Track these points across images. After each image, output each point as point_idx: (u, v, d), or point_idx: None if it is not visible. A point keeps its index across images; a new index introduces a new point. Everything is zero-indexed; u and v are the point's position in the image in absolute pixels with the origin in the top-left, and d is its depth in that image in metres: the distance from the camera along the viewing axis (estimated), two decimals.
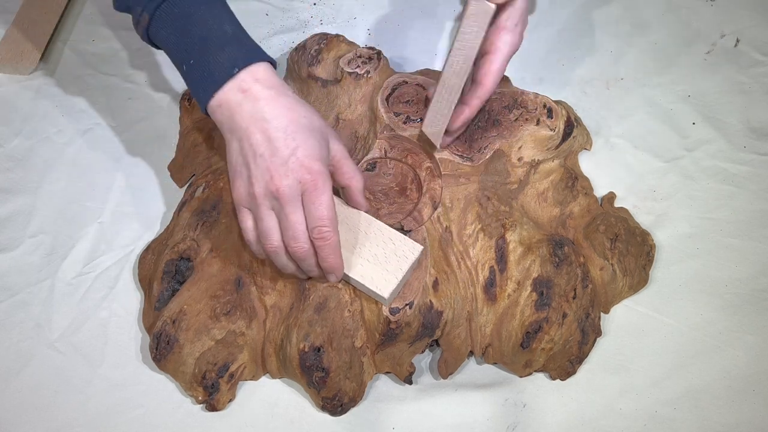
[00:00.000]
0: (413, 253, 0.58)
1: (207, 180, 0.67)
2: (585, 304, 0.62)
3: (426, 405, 0.63)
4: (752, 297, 0.67)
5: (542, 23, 0.86)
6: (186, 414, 0.62)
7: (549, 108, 0.67)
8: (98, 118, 0.80)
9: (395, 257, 0.58)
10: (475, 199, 0.64)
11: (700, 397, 0.62)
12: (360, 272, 0.58)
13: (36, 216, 0.73)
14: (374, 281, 0.57)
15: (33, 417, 0.62)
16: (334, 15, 0.89)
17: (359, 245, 0.59)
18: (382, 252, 0.58)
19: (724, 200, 0.73)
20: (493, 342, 0.62)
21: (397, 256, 0.58)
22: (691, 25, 0.85)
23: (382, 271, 0.58)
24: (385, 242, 0.59)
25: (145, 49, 0.85)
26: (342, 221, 0.59)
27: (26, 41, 0.82)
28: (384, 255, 0.58)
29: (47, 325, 0.66)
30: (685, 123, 0.78)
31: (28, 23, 0.84)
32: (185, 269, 0.64)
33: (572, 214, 0.69)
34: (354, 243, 0.59)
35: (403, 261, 0.58)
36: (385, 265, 0.58)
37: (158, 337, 0.61)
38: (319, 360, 0.59)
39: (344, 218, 0.59)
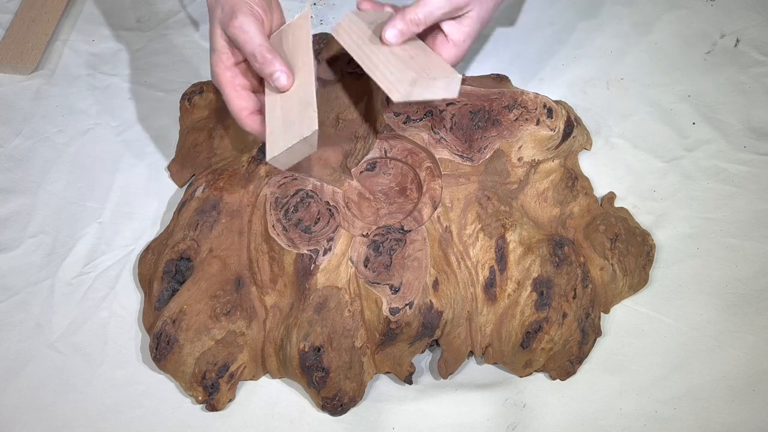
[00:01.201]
0: (308, 129, 0.53)
1: (207, 180, 0.67)
2: (585, 304, 0.62)
3: (426, 405, 0.63)
4: (752, 297, 0.67)
5: (542, 23, 0.86)
6: (186, 414, 0.62)
7: (549, 108, 0.67)
8: (98, 118, 0.80)
9: (298, 124, 0.53)
10: (475, 199, 0.64)
11: (700, 397, 0.62)
12: (271, 118, 0.55)
13: (36, 216, 0.73)
14: (272, 135, 0.54)
15: (33, 417, 0.62)
16: (334, 15, 0.89)
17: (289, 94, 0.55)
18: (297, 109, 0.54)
19: (724, 200, 0.73)
20: (493, 342, 0.62)
21: (300, 123, 0.53)
22: (691, 25, 0.85)
23: (283, 129, 0.54)
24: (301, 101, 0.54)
25: (145, 49, 0.85)
26: None
27: (26, 41, 0.82)
28: (294, 114, 0.54)
29: (47, 325, 0.66)
30: (685, 123, 0.78)
31: (28, 23, 0.84)
32: (185, 269, 0.64)
33: (572, 214, 0.69)
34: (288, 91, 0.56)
35: (298, 131, 0.53)
36: (287, 125, 0.54)
37: (158, 337, 0.61)
38: (319, 360, 0.59)
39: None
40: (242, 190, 0.66)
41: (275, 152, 0.54)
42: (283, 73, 0.54)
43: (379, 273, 0.60)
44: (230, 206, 0.66)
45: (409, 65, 0.56)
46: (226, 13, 0.55)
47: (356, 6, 0.64)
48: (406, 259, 0.60)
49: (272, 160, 0.54)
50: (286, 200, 0.62)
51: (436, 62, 0.58)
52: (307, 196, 0.63)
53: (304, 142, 0.53)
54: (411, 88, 0.55)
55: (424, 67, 0.56)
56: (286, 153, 0.54)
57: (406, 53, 0.58)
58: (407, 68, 0.55)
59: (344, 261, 0.61)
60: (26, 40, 0.83)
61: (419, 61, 0.57)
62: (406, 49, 0.59)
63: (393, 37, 0.57)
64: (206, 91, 0.77)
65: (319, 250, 0.60)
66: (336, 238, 0.61)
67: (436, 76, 0.56)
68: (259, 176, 0.66)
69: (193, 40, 0.86)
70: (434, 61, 0.58)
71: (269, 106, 0.56)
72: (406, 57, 0.57)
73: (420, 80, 0.55)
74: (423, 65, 0.57)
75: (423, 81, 0.55)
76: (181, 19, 0.88)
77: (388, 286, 0.59)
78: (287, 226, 0.61)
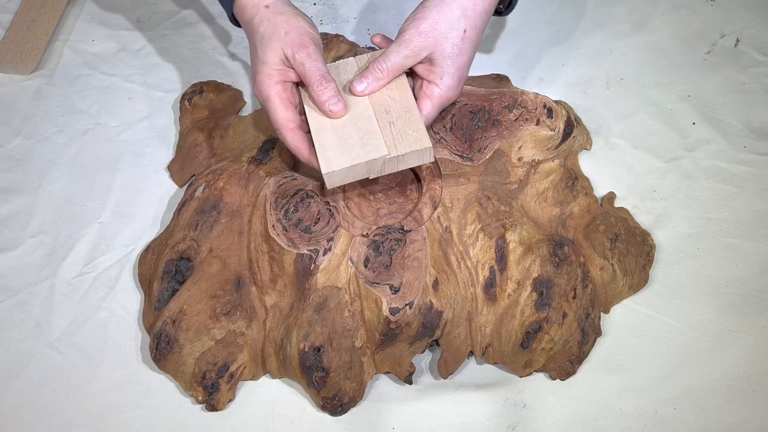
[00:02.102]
0: (376, 152, 0.57)
1: (207, 180, 0.67)
2: (585, 304, 0.62)
3: (426, 405, 0.63)
4: (752, 297, 0.67)
5: (542, 23, 0.86)
6: (186, 414, 0.62)
7: (549, 108, 0.67)
8: (98, 118, 0.80)
9: (362, 147, 0.58)
10: (475, 199, 0.64)
11: (700, 397, 0.62)
12: (322, 139, 0.58)
13: (36, 216, 0.73)
14: (326, 152, 0.57)
15: (33, 417, 0.62)
16: (334, 15, 0.89)
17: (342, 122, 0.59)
18: (356, 135, 0.58)
19: (724, 200, 0.73)
20: (493, 342, 0.62)
21: (364, 147, 0.58)
22: (691, 25, 0.85)
23: (339, 149, 0.58)
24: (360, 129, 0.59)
25: (145, 49, 0.85)
26: None
27: (26, 41, 0.83)
28: (355, 139, 0.58)
29: (47, 325, 0.66)
30: (685, 123, 0.78)
31: (28, 23, 0.84)
32: (185, 269, 0.64)
33: (572, 214, 0.69)
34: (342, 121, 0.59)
35: (362, 153, 0.57)
36: (347, 147, 0.58)
37: (158, 337, 0.61)
38: (319, 360, 0.59)
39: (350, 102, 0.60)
40: (242, 190, 0.66)
41: (334, 167, 0.57)
42: (339, 101, 0.59)
43: (379, 273, 0.60)
44: (230, 206, 0.66)
45: (384, 132, 0.58)
46: (293, 38, 0.59)
47: (370, 40, 0.66)
48: (406, 259, 0.60)
49: (329, 174, 0.57)
50: (286, 200, 0.62)
51: (414, 125, 0.59)
52: (307, 196, 0.63)
53: (367, 164, 0.58)
54: (383, 166, 0.58)
55: (397, 135, 0.58)
56: (345, 171, 0.57)
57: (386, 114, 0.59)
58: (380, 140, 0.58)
59: (344, 261, 0.61)
60: (26, 40, 0.83)
61: (396, 126, 0.59)
62: (388, 105, 0.60)
63: (360, 91, 0.61)
64: (206, 91, 0.77)
65: (319, 250, 0.60)
66: (336, 238, 0.61)
67: (406, 151, 0.57)
68: (259, 176, 0.66)
69: (193, 40, 0.86)
70: (412, 124, 0.59)
71: (317, 128, 0.59)
72: (384, 121, 0.59)
73: (389, 159, 0.58)
74: (398, 132, 0.58)
75: (391, 160, 0.58)
76: (181, 19, 0.88)
77: (388, 286, 0.59)
78: (287, 226, 0.61)
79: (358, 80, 0.60)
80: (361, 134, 0.58)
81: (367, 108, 0.60)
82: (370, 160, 0.57)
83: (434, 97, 0.61)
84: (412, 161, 0.59)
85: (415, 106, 0.60)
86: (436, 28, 0.59)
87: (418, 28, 0.60)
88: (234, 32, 0.86)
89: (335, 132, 0.59)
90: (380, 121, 0.59)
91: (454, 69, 0.60)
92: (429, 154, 0.59)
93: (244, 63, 0.84)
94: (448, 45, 0.59)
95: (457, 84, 0.61)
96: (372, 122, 0.59)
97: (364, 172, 0.58)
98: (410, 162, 0.59)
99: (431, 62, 0.60)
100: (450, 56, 0.60)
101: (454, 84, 0.61)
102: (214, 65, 0.84)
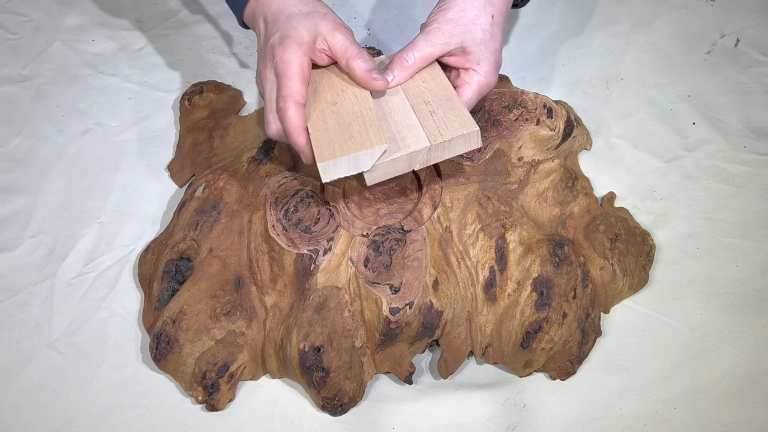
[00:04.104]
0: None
1: (207, 180, 0.67)
2: (585, 304, 0.62)
3: (426, 405, 0.63)
4: (752, 297, 0.67)
5: (542, 23, 0.86)
6: (186, 414, 0.62)
7: (549, 108, 0.67)
8: (98, 118, 0.80)
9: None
10: (475, 199, 0.64)
11: (700, 397, 0.62)
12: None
13: (36, 216, 0.73)
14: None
15: (33, 417, 0.62)
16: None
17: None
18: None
19: (724, 200, 0.73)
20: (493, 342, 0.62)
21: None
22: (691, 25, 0.85)
23: None
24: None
25: (145, 49, 0.85)
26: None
27: None
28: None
29: (47, 325, 0.66)
30: (685, 123, 0.78)
31: None
32: (185, 269, 0.64)
33: (572, 214, 0.69)
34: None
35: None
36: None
37: (158, 337, 0.61)
38: (319, 360, 0.59)
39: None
40: (242, 190, 0.66)
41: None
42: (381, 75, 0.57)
43: (379, 273, 0.60)
44: (230, 206, 0.66)
45: (425, 123, 0.57)
46: (333, 18, 0.57)
47: None
48: (406, 259, 0.60)
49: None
50: (286, 200, 0.62)
51: (457, 112, 0.57)
52: (307, 196, 0.63)
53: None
54: (428, 156, 0.56)
55: (440, 123, 0.57)
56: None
57: (425, 105, 0.58)
58: (420, 132, 0.56)
59: (344, 261, 0.61)
60: None
61: (438, 114, 0.57)
62: (425, 97, 0.58)
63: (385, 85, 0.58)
64: (206, 91, 0.77)
65: (319, 250, 0.60)
66: (336, 238, 0.61)
67: (451, 136, 0.56)
68: (259, 176, 0.66)
69: (193, 40, 0.86)
70: (454, 111, 0.57)
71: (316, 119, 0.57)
72: (424, 111, 0.57)
73: (434, 147, 0.56)
74: (440, 120, 0.57)
75: (437, 147, 0.56)
76: (181, 19, 0.88)
77: (388, 286, 0.59)
78: (287, 226, 0.61)
79: (383, 74, 0.58)
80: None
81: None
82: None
83: (474, 84, 0.59)
84: (459, 147, 0.57)
85: (455, 94, 0.58)
86: (463, 15, 0.58)
87: (445, 16, 0.58)
88: (234, 32, 0.86)
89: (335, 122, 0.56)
90: (419, 112, 0.57)
91: (489, 54, 0.59)
92: (477, 139, 0.57)
93: (244, 63, 0.84)
94: (478, 31, 0.58)
95: (495, 70, 0.60)
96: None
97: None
98: (457, 148, 0.57)
99: (464, 51, 0.59)
100: (483, 42, 0.59)
101: (492, 69, 0.60)
102: (214, 65, 0.84)
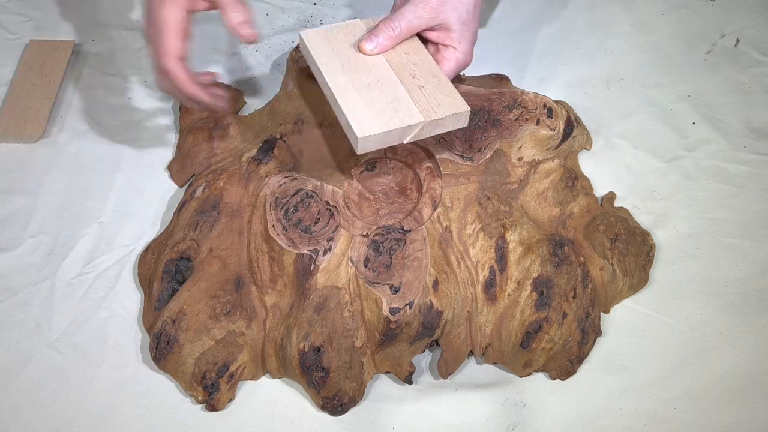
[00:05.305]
0: (411, 118, 0.56)
1: (207, 180, 0.67)
2: (585, 304, 0.62)
3: (426, 405, 0.63)
4: (752, 297, 0.67)
5: (542, 23, 0.86)
6: (186, 414, 0.62)
7: (549, 108, 0.67)
8: (98, 118, 0.80)
9: (393, 111, 0.56)
10: (475, 199, 0.64)
11: (700, 397, 0.62)
12: (348, 101, 0.56)
13: (36, 216, 0.73)
14: (357, 117, 0.55)
15: (33, 417, 0.62)
16: (334, 15, 0.89)
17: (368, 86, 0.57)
18: (384, 100, 0.56)
19: (724, 200, 0.73)
20: (493, 342, 0.62)
21: (396, 111, 0.56)
22: (691, 25, 0.85)
23: (371, 112, 0.56)
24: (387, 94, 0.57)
25: (145, 49, 0.85)
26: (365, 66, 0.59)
27: (28, 108, 0.78)
28: (384, 103, 0.56)
29: (47, 325, 0.66)
30: (685, 123, 0.78)
31: (29, 88, 0.80)
32: (185, 269, 0.64)
33: (572, 214, 0.69)
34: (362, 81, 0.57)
35: (396, 119, 0.55)
36: (378, 111, 0.56)
37: (158, 337, 0.61)
38: (319, 360, 0.59)
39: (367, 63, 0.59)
40: (242, 190, 0.66)
41: (369, 132, 0.54)
42: (253, 27, 0.56)
43: (379, 273, 0.60)
44: (230, 206, 0.66)
45: (415, 96, 0.57)
46: None
47: None
48: (406, 259, 0.60)
49: (364, 138, 0.55)
50: (286, 200, 0.62)
51: (446, 89, 0.58)
52: (307, 196, 0.63)
53: (402, 130, 0.56)
54: (420, 131, 0.57)
55: (431, 98, 0.57)
56: (380, 136, 0.55)
57: (413, 78, 0.58)
58: (412, 106, 0.56)
59: (344, 261, 0.61)
60: (28, 107, 0.78)
61: (427, 89, 0.58)
62: (411, 70, 0.59)
63: (370, 50, 0.59)
64: None
65: (319, 250, 0.60)
66: (336, 238, 0.61)
67: (446, 114, 0.56)
68: (259, 176, 0.66)
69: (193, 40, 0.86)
70: (443, 88, 0.58)
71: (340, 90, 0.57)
72: (412, 84, 0.58)
73: (428, 123, 0.56)
74: (430, 96, 0.57)
75: (430, 124, 0.56)
76: None
77: (388, 286, 0.59)
78: (287, 226, 0.61)
79: (367, 38, 0.59)
80: (389, 98, 0.56)
81: (389, 72, 0.58)
82: (406, 126, 0.55)
83: (452, 61, 0.61)
84: (449, 125, 0.58)
85: (440, 71, 0.59)
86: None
87: None
88: None
89: (361, 94, 0.56)
90: (407, 84, 0.58)
91: (470, 34, 0.61)
92: (466, 118, 0.58)
93: (244, 63, 0.84)
94: (463, 11, 0.60)
95: (471, 50, 0.62)
96: (398, 87, 0.57)
97: (397, 138, 0.56)
98: (447, 126, 0.57)
99: (447, 28, 0.60)
100: (465, 22, 0.60)
101: (469, 49, 0.61)
102: (214, 65, 0.84)
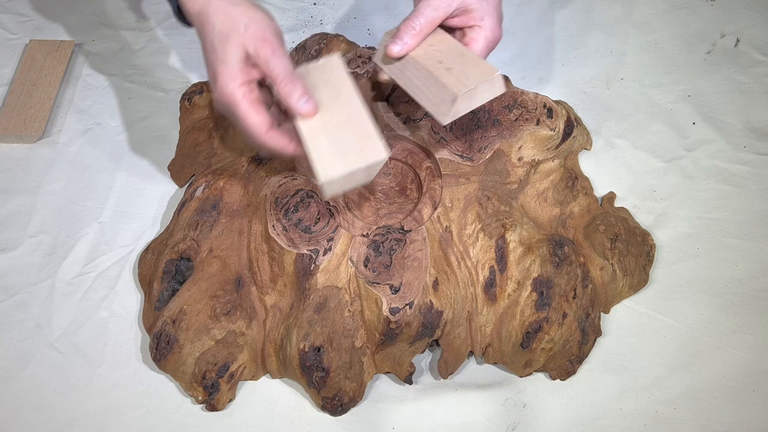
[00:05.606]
0: (374, 156, 0.54)
1: (207, 180, 0.67)
2: (585, 304, 0.62)
3: (426, 405, 0.63)
4: (752, 297, 0.67)
5: (542, 23, 0.86)
6: (186, 414, 0.62)
7: (549, 108, 0.67)
8: (98, 118, 0.80)
9: (359, 150, 0.54)
10: (475, 199, 0.64)
11: (700, 397, 0.62)
12: (315, 145, 0.55)
13: (36, 216, 0.73)
14: (322, 159, 0.54)
15: (33, 417, 0.62)
16: (334, 15, 0.89)
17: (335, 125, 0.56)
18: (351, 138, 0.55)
19: (724, 200, 0.73)
20: (493, 342, 0.62)
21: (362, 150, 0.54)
22: (691, 25, 0.85)
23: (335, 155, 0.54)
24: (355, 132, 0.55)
25: (145, 49, 0.85)
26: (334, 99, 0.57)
27: (29, 108, 0.79)
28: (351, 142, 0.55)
29: (47, 325, 0.66)
30: (685, 123, 0.78)
31: (29, 88, 0.80)
32: (185, 269, 0.64)
33: (572, 214, 0.69)
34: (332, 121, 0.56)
35: (360, 158, 0.54)
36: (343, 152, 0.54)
37: (158, 337, 0.61)
38: (319, 360, 0.59)
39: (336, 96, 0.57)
40: (242, 190, 0.66)
41: (333, 175, 0.54)
42: (310, 101, 0.55)
43: (379, 273, 0.60)
44: (230, 206, 0.66)
45: (445, 80, 0.56)
46: (254, 32, 0.54)
47: None
48: (406, 259, 0.60)
49: (327, 182, 0.54)
50: (286, 200, 0.62)
51: (473, 63, 0.57)
52: (307, 196, 0.63)
53: (367, 169, 0.54)
54: (455, 107, 0.55)
55: (460, 75, 0.56)
56: (344, 178, 0.54)
57: (440, 64, 0.57)
58: (444, 86, 0.55)
59: (344, 261, 0.61)
60: (28, 107, 0.78)
61: (455, 69, 0.57)
62: (438, 57, 0.58)
63: (397, 52, 0.58)
64: (206, 91, 0.77)
65: (319, 250, 0.60)
66: (336, 238, 0.61)
67: (475, 84, 0.55)
68: (259, 176, 0.66)
69: (193, 40, 0.86)
70: (470, 62, 0.57)
71: (308, 133, 0.56)
72: (440, 70, 0.57)
73: (460, 96, 0.55)
74: (459, 73, 0.56)
75: (463, 96, 0.55)
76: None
77: (388, 286, 0.59)
78: (287, 226, 0.61)
79: (392, 42, 0.58)
80: (356, 137, 0.55)
81: (359, 108, 0.57)
82: (369, 165, 0.54)
83: (481, 39, 0.60)
84: (484, 95, 0.56)
85: (466, 50, 0.58)
86: None
87: None
88: None
89: (329, 135, 0.56)
90: (436, 71, 0.56)
91: (492, 8, 0.60)
92: (500, 84, 0.56)
93: None
94: None
95: (499, 23, 0.60)
96: (366, 124, 0.56)
97: (363, 177, 0.56)
98: (483, 96, 0.56)
99: (466, 10, 0.59)
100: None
101: (496, 23, 0.60)
102: None
